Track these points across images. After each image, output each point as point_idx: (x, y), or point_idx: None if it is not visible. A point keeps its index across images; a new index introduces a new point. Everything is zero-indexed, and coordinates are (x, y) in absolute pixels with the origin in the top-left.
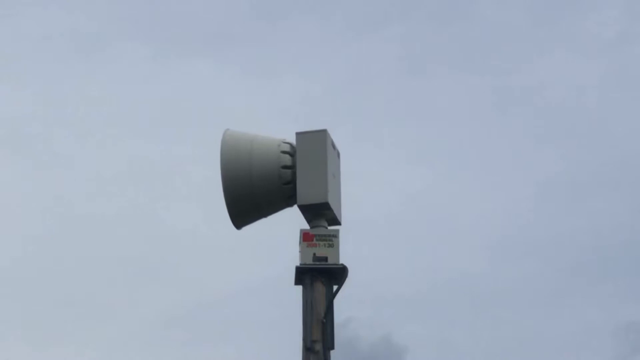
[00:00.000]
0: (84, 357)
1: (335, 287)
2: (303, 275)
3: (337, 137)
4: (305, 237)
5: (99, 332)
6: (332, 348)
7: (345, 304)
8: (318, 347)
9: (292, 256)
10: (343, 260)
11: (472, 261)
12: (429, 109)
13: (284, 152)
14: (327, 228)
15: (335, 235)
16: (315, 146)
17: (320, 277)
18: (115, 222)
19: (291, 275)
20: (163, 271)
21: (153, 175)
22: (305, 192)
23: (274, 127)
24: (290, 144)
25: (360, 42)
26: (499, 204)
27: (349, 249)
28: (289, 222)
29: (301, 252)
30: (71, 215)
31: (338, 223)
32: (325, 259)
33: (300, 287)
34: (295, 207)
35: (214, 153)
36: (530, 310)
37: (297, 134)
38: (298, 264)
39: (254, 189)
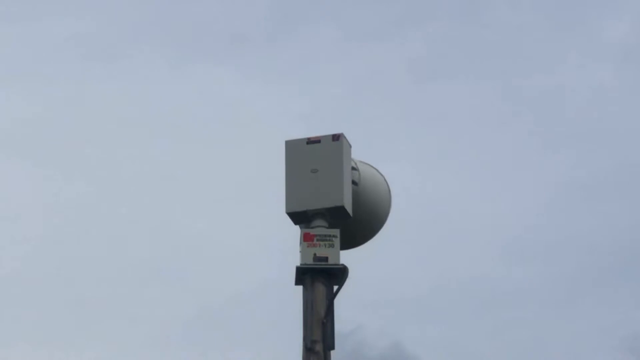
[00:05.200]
0: (90, 358)
1: (335, 288)
2: (303, 275)
3: (349, 139)
4: (305, 237)
5: (104, 334)
6: (333, 348)
7: (352, 308)
8: (318, 347)
9: (292, 256)
10: (354, 263)
11: (484, 265)
12: (440, 111)
13: None
14: (327, 228)
15: (335, 235)
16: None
17: (321, 277)
18: (125, 223)
19: (291, 275)
20: (170, 274)
21: (165, 178)
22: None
23: (287, 132)
24: None
25: (374, 47)
26: (510, 206)
27: (358, 252)
28: (290, 221)
29: (302, 252)
30: (81, 216)
31: (345, 213)
32: (326, 259)
33: (300, 288)
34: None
35: (226, 155)
36: (541, 315)
37: None
38: (298, 264)
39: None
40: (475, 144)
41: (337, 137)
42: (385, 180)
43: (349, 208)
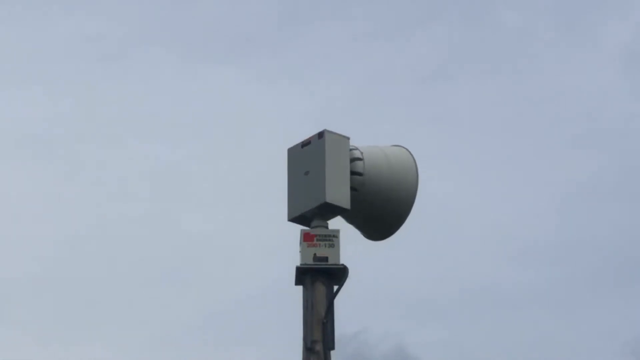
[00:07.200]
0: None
1: (335, 288)
2: (303, 275)
3: (358, 141)
4: (305, 237)
5: (109, 335)
6: (333, 348)
7: (355, 310)
8: (318, 347)
9: (293, 256)
10: (356, 263)
11: (487, 267)
12: (449, 113)
13: None
14: (327, 228)
15: (335, 235)
16: None
17: (321, 277)
18: (129, 225)
19: (292, 275)
20: (173, 275)
21: (173, 179)
22: None
23: (293, 133)
24: None
25: (382, 48)
26: (514, 209)
27: (360, 253)
28: (290, 222)
29: (302, 252)
30: (85, 217)
31: (336, 208)
32: (326, 259)
33: (300, 288)
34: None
35: (229, 156)
36: (544, 318)
37: None
38: (298, 264)
39: None
40: (481, 145)
41: (321, 135)
42: (412, 156)
43: (339, 202)
